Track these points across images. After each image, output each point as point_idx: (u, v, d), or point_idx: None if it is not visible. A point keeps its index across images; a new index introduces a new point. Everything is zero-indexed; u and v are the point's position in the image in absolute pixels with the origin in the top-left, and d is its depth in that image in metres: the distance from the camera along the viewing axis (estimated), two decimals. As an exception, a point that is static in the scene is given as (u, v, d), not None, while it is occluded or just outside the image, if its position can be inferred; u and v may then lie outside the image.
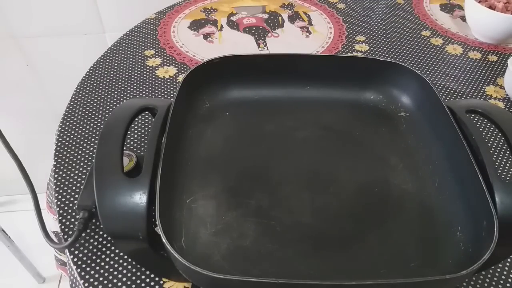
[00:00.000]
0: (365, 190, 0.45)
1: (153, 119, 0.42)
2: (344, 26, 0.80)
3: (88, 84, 0.65)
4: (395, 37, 0.78)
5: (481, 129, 0.60)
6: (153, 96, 0.63)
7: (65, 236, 0.46)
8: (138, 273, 0.43)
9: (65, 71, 0.98)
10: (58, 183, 0.50)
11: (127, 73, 0.67)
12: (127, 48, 0.73)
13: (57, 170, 0.52)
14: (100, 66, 0.69)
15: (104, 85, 0.65)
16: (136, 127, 0.58)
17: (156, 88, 0.65)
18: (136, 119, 0.54)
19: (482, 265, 0.32)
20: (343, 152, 0.48)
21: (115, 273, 0.43)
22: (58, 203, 0.49)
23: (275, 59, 0.55)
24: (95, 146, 0.50)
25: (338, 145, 0.49)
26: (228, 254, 0.39)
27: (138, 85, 0.65)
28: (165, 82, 0.66)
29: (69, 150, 0.54)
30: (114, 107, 0.61)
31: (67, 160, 0.53)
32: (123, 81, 0.66)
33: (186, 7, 0.85)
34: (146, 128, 0.58)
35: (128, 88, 0.65)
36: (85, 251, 0.44)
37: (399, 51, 0.75)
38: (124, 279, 0.42)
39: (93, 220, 0.45)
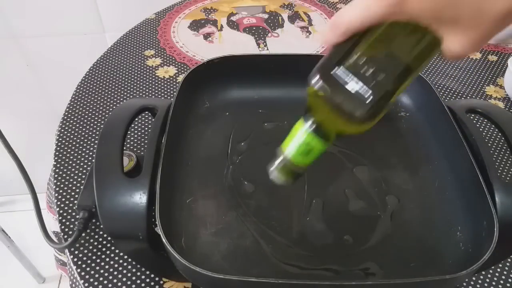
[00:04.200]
0: (365, 190, 0.44)
1: (153, 119, 0.42)
2: (344, 26, 0.80)
3: (88, 84, 0.65)
4: (395, 37, 0.78)
5: (481, 129, 0.60)
6: (153, 96, 0.63)
7: (65, 236, 0.46)
8: (138, 273, 0.43)
9: (65, 71, 0.98)
10: (58, 183, 0.50)
11: (127, 73, 0.67)
12: (127, 48, 0.73)
13: (57, 170, 0.52)
14: (100, 66, 0.69)
15: (104, 85, 0.65)
16: (136, 127, 0.58)
17: (156, 88, 0.65)
18: (136, 119, 0.54)
19: (482, 265, 0.32)
20: (342, 152, 0.48)
21: (115, 273, 0.43)
22: (58, 203, 0.49)
23: (275, 59, 0.55)
24: (95, 146, 0.50)
25: (337, 145, 0.49)
26: (228, 254, 0.39)
27: (138, 85, 0.65)
28: (165, 82, 0.66)
29: (69, 150, 0.54)
30: (114, 107, 0.61)
31: (67, 160, 0.53)
32: (123, 81, 0.66)
33: (186, 7, 0.85)
34: (146, 128, 0.58)
35: (128, 88, 0.65)
36: (85, 251, 0.44)
37: (399, 51, 0.75)
38: (124, 279, 0.42)
39: (93, 220, 0.46)
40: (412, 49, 0.26)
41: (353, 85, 0.25)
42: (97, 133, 0.57)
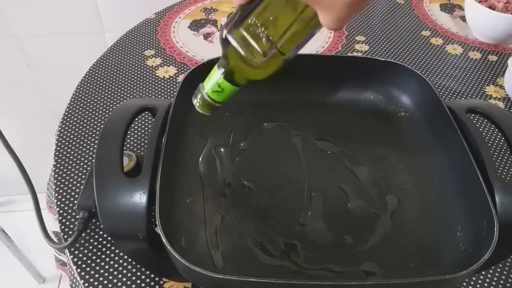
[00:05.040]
0: (365, 190, 0.44)
1: (153, 119, 0.42)
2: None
3: (88, 84, 0.65)
4: (395, 37, 0.78)
5: (481, 129, 0.60)
6: (153, 96, 0.63)
7: (65, 236, 0.46)
8: (138, 273, 0.43)
9: (65, 71, 0.98)
10: (58, 183, 0.50)
11: (127, 73, 0.67)
12: (127, 48, 0.73)
13: (57, 170, 0.52)
14: (100, 66, 0.69)
15: (104, 85, 0.65)
16: (136, 127, 0.58)
17: (156, 88, 0.65)
18: (136, 119, 0.54)
19: (482, 265, 0.32)
20: (343, 152, 0.48)
21: (115, 273, 0.43)
22: (58, 203, 0.49)
23: (275, 59, 0.54)
24: (95, 146, 0.50)
25: (338, 145, 0.49)
26: (228, 254, 0.39)
27: (138, 85, 0.65)
28: (165, 82, 0.66)
29: (69, 150, 0.54)
30: (114, 107, 0.61)
31: (67, 160, 0.53)
32: (123, 81, 0.66)
33: (186, 7, 0.85)
34: (146, 128, 0.58)
35: (128, 88, 0.65)
36: (85, 251, 0.44)
37: (399, 51, 0.75)
38: (124, 279, 0.42)
39: (93, 220, 0.46)
40: (296, 16, 0.32)
41: (250, 39, 0.32)
42: (97, 133, 0.57)
